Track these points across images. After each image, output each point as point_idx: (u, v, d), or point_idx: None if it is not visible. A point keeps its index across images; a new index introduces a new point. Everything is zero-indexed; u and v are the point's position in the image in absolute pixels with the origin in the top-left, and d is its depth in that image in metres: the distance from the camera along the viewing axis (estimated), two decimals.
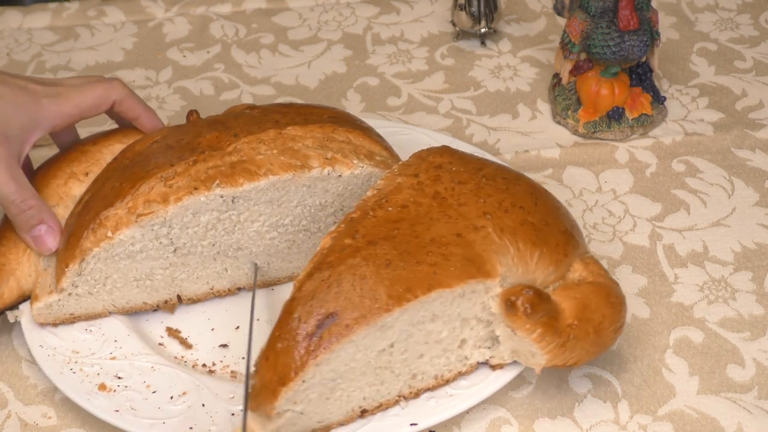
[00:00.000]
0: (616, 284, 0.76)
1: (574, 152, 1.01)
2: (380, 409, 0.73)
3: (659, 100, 1.04)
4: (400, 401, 0.73)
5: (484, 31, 1.15)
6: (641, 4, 0.97)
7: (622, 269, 0.88)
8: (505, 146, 1.02)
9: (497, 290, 0.71)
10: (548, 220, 0.75)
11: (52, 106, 0.81)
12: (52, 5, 1.25)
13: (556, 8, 1.02)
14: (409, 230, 0.70)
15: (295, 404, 0.67)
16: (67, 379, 0.76)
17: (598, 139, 1.02)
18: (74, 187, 0.84)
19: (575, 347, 0.72)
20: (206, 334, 0.83)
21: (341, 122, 0.84)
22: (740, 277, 0.87)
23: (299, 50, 1.18)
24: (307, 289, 0.68)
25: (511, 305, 0.70)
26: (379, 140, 0.85)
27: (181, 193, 0.77)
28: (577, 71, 1.03)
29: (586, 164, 1.00)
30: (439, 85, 1.12)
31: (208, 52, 1.18)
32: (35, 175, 0.86)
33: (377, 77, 1.13)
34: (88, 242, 0.77)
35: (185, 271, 0.82)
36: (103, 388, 0.76)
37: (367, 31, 1.21)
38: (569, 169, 0.99)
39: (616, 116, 1.01)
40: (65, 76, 1.14)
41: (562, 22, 1.19)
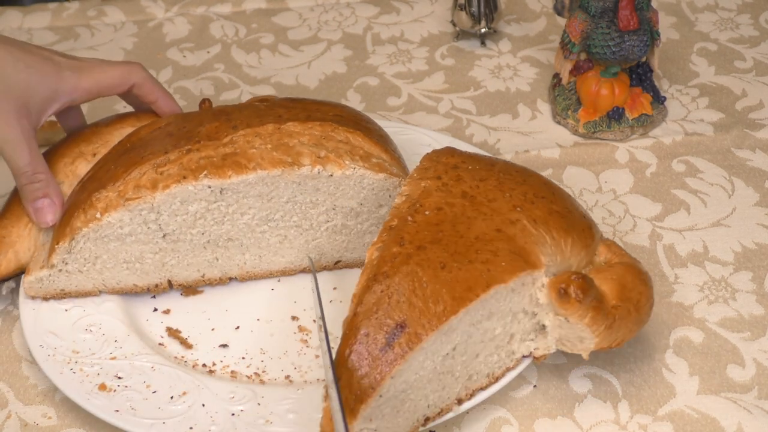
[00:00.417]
0: (639, 262, 0.77)
1: (574, 152, 1.01)
2: (440, 415, 0.72)
3: (659, 100, 1.04)
4: (455, 405, 0.73)
5: (484, 31, 1.15)
6: (641, 4, 0.97)
7: None
8: (505, 146, 1.02)
9: (544, 280, 0.72)
10: (569, 207, 0.77)
11: (73, 79, 0.82)
12: (52, 5, 1.25)
13: (556, 8, 1.02)
14: (452, 231, 0.71)
15: (370, 421, 0.66)
16: (67, 379, 0.76)
17: (598, 139, 1.02)
18: (81, 166, 0.87)
19: (620, 327, 0.73)
20: (206, 334, 0.83)
21: (344, 121, 0.84)
22: (740, 277, 0.87)
23: (299, 50, 1.18)
24: (368, 302, 0.67)
25: (563, 293, 0.70)
26: (380, 142, 0.85)
27: (169, 180, 0.79)
28: (577, 71, 1.03)
29: (586, 164, 1.00)
30: (439, 85, 1.12)
31: (208, 52, 1.18)
32: (46, 153, 0.88)
33: (377, 77, 1.13)
34: (78, 222, 0.79)
35: (175, 257, 0.83)
36: (103, 388, 0.76)
37: (367, 31, 1.21)
38: (569, 169, 0.99)
39: (616, 116, 1.01)
40: None
41: (562, 22, 1.19)
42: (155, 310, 0.85)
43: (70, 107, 0.87)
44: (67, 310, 0.83)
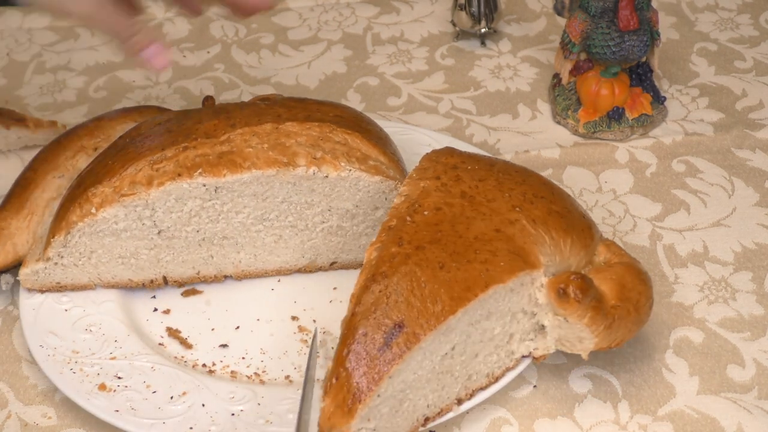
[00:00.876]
0: (638, 262, 0.77)
1: (574, 152, 1.01)
2: (440, 415, 0.72)
3: (659, 100, 1.04)
4: (456, 405, 0.73)
5: (484, 31, 1.15)
6: (641, 4, 0.97)
7: None
8: (505, 146, 1.02)
9: (543, 280, 0.72)
10: (568, 207, 0.77)
11: None
12: None
13: (556, 8, 1.02)
14: (451, 231, 0.71)
15: (368, 421, 0.66)
16: (67, 379, 0.76)
17: (598, 139, 1.02)
18: (81, 160, 0.88)
19: (620, 327, 0.73)
20: (206, 334, 0.83)
21: (343, 123, 0.84)
22: (740, 277, 0.87)
23: (299, 50, 1.18)
24: (366, 302, 0.67)
25: (562, 293, 0.71)
26: (379, 144, 0.85)
27: (164, 178, 0.79)
28: (577, 71, 1.03)
29: (586, 164, 1.00)
30: (439, 85, 1.12)
31: (208, 52, 1.18)
32: (48, 146, 0.89)
33: (377, 77, 1.13)
34: (74, 216, 0.80)
35: (170, 253, 0.83)
36: (103, 388, 0.76)
37: (367, 31, 1.21)
38: (569, 169, 0.99)
39: (616, 116, 1.01)
40: (65, 76, 1.14)
41: (562, 22, 1.19)
42: (155, 310, 0.85)
43: None
44: (67, 310, 0.83)
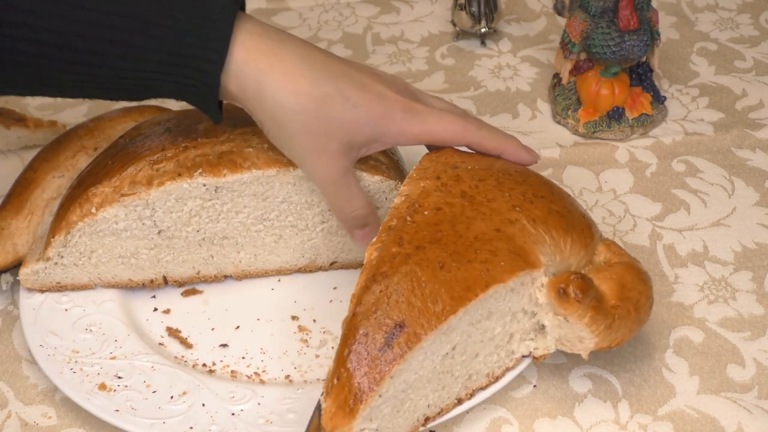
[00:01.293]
0: (638, 261, 0.77)
1: (574, 152, 1.01)
2: (440, 414, 0.72)
3: (659, 99, 1.04)
4: (455, 404, 0.73)
5: (484, 30, 1.15)
6: (641, 3, 0.97)
7: None
8: None
9: (543, 280, 0.72)
10: (568, 207, 0.77)
11: (402, 123, 0.75)
12: None
13: (556, 8, 1.02)
14: (451, 231, 0.71)
15: (371, 421, 0.66)
16: (67, 378, 0.76)
17: (598, 138, 1.02)
18: (81, 160, 0.88)
19: (620, 327, 0.73)
20: (206, 333, 0.83)
21: None
22: (740, 276, 0.87)
23: None
24: (367, 302, 0.67)
25: (563, 293, 0.71)
26: None
27: (164, 177, 0.79)
28: (577, 71, 1.03)
29: (586, 164, 1.00)
30: (439, 84, 1.12)
31: None
32: (48, 146, 0.89)
33: None
34: (74, 216, 0.80)
35: (170, 253, 0.84)
36: (103, 387, 0.76)
37: (367, 30, 1.21)
38: (569, 168, 0.99)
39: (616, 116, 1.01)
40: None
41: (562, 21, 1.19)
42: (155, 309, 0.85)
43: None
44: (67, 309, 0.83)
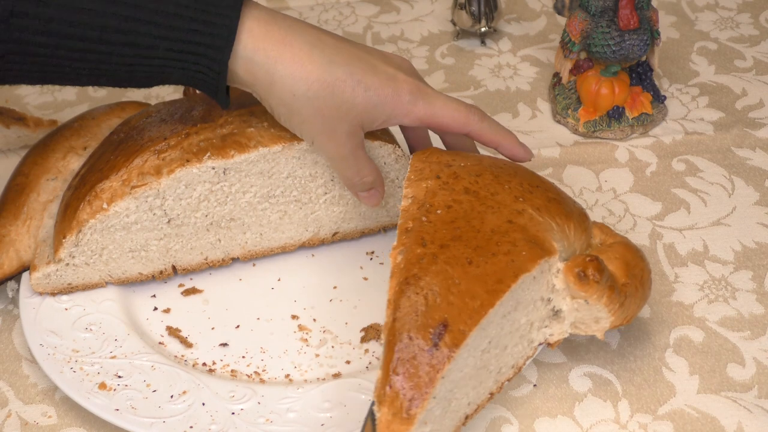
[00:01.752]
0: (629, 240, 0.79)
1: (574, 151, 1.01)
2: (476, 412, 0.72)
3: (659, 99, 1.04)
4: (488, 399, 0.73)
5: (484, 30, 1.15)
6: (641, 3, 0.97)
7: None
8: None
9: (559, 266, 0.72)
10: (561, 194, 0.78)
11: (410, 105, 0.78)
12: None
13: (556, 7, 1.02)
14: (468, 227, 0.71)
15: (425, 425, 0.66)
16: (67, 378, 0.76)
17: (598, 138, 1.02)
18: (72, 160, 0.88)
19: (630, 304, 0.74)
20: (206, 333, 0.83)
21: None
22: (740, 276, 0.87)
23: None
24: (405, 306, 0.66)
25: (583, 276, 0.71)
26: None
27: (173, 165, 0.80)
28: (577, 70, 1.03)
29: (586, 163, 1.00)
30: (439, 84, 1.12)
31: None
32: (34, 149, 0.89)
33: None
34: (84, 214, 0.80)
35: (179, 241, 0.84)
36: (103, 387, 0.76)
37: (367, 30, 1.21)
38: (569, 168, 0.99)
39: (616, 115, 1.01)
40: None
41: (562, 21, 1.19)
42: (155, 309, 0.85)
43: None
44: (67, 309, 0.83)
